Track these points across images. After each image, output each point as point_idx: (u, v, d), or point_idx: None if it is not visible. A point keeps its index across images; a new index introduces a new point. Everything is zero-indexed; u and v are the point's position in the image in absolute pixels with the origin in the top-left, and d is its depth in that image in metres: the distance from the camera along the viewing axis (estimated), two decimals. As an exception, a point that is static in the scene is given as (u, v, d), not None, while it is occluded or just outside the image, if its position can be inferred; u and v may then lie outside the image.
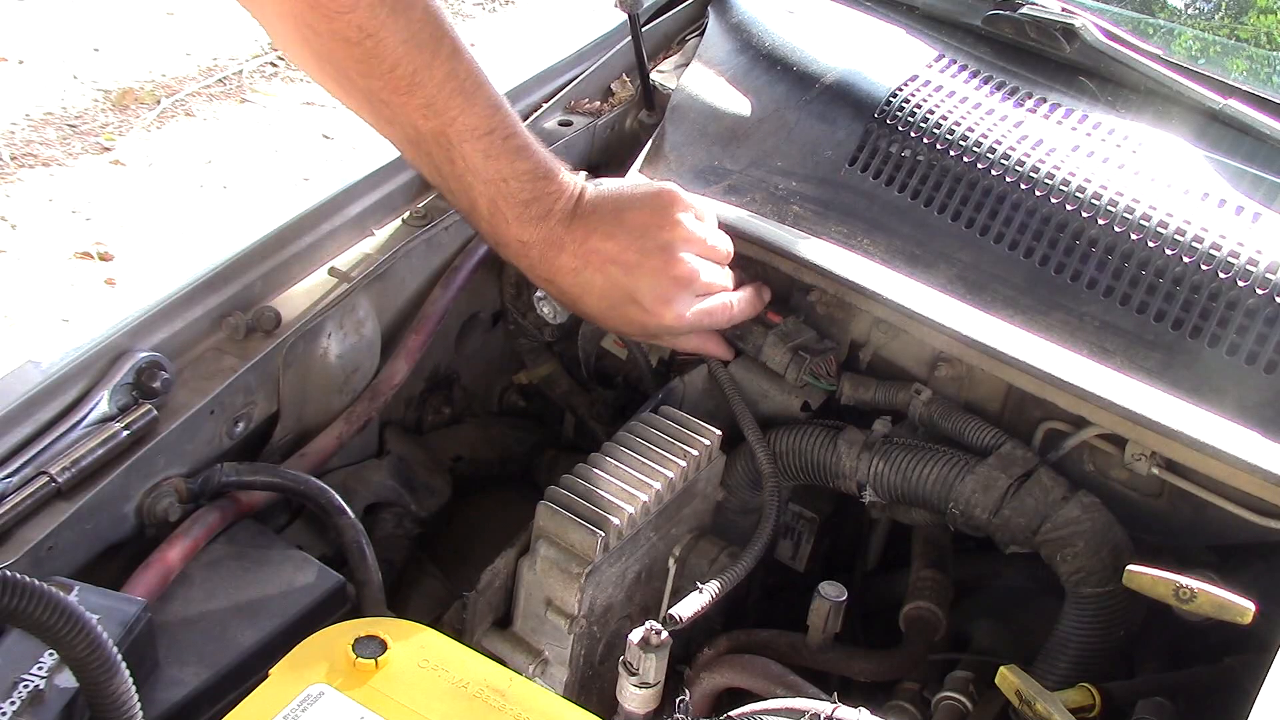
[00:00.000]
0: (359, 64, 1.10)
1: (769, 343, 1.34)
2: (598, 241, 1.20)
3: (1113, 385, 1.21)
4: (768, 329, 1.35)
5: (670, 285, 1.23)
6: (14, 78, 4.40)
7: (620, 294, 1.21)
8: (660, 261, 1.22)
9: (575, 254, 1.20)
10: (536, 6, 6.03)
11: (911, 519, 1.39)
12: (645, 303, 1.22)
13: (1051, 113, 1.46)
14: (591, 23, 1.71)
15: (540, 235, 1.19)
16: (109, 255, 3.65)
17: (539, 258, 1.20)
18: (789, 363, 1.33)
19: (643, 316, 1.23)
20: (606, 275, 1.20)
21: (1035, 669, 1.18)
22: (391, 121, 1.14)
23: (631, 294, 1.21)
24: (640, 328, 1.26)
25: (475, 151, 1.15)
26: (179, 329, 1.19)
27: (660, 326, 1.25)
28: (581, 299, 1.22)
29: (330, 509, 1.16)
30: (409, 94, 1.12)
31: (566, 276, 1.20)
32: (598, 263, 1.20)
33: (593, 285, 1.21)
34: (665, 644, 1.07)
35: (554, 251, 1.19)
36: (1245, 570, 1.22)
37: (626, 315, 1.23)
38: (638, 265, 1.21)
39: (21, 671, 0.88)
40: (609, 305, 1.22)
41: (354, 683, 0.89)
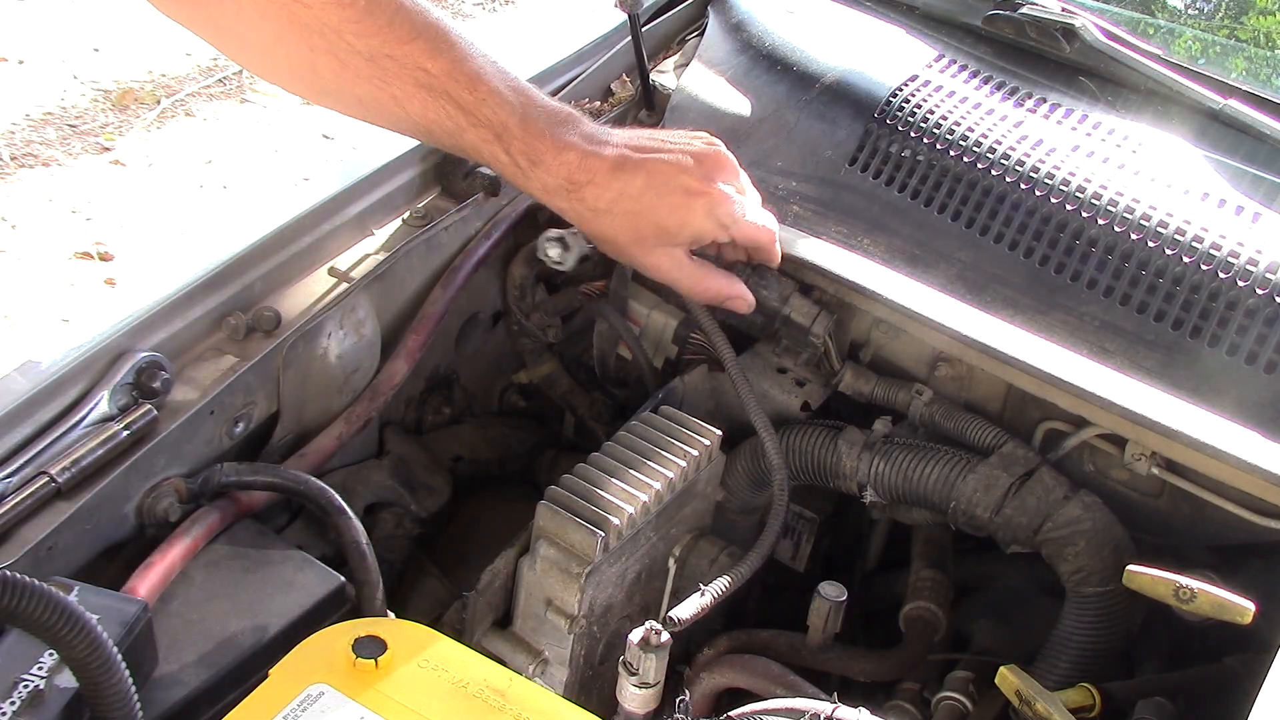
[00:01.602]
0: (355, 24, 1.08)
1: (796, 293, 1.33)
2: (638, 142, 1.17)
3: (1113, 385, 1.21)
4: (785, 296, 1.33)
5: (714, 167, 1.19)
6: (14, 78, 4.40)
7: (663, 179, 1.16)
8: (702, 151, 1.19)
9: (616, 152, 1.15)
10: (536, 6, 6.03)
11: (912, 519, 1.39)
12: (689, 181, 1.17)
13: (1051, 113, 1.46)
14: (591, 23, 1.71)
15: (580, 140, 1.15)
16: (109, 255, 3.65)
17: (577, 162, 1.15)
18: (818, 315, 1.32)
19: (686, 197, 1.17)
20: (649, 166, 1.16)
21: (1035, 669, 1.18)
22: (398, 75, 1.11)
23: (675, 177, 1.16)
24: (683, 211, 1.19)
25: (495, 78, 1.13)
26: (179, 329, 1.19)
27: (708, 204, 1.18)
28: (623, 194, 1.16)
29: (330, 509, 1.16)
30: (411, 41, 1.10)
31: (606, 175, 1.15)
32: (640, 155, 1.16)
33: (634, 179, 1.16)
34: (665, 644, 1.07)
35: (593, 153, 1.15)
36: (1245, 570, 1.22)
37: (671, 200, 1.17)
38: (680, 156, 1.17)
39: (21, 671, 0.87)
40: (653, 194, 1.16)
41: (354, 683, 0.89)
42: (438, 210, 1.43)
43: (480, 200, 1.45)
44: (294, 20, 1.09)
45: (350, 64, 1.11)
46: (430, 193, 1.47)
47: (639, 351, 1.46)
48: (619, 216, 1.18)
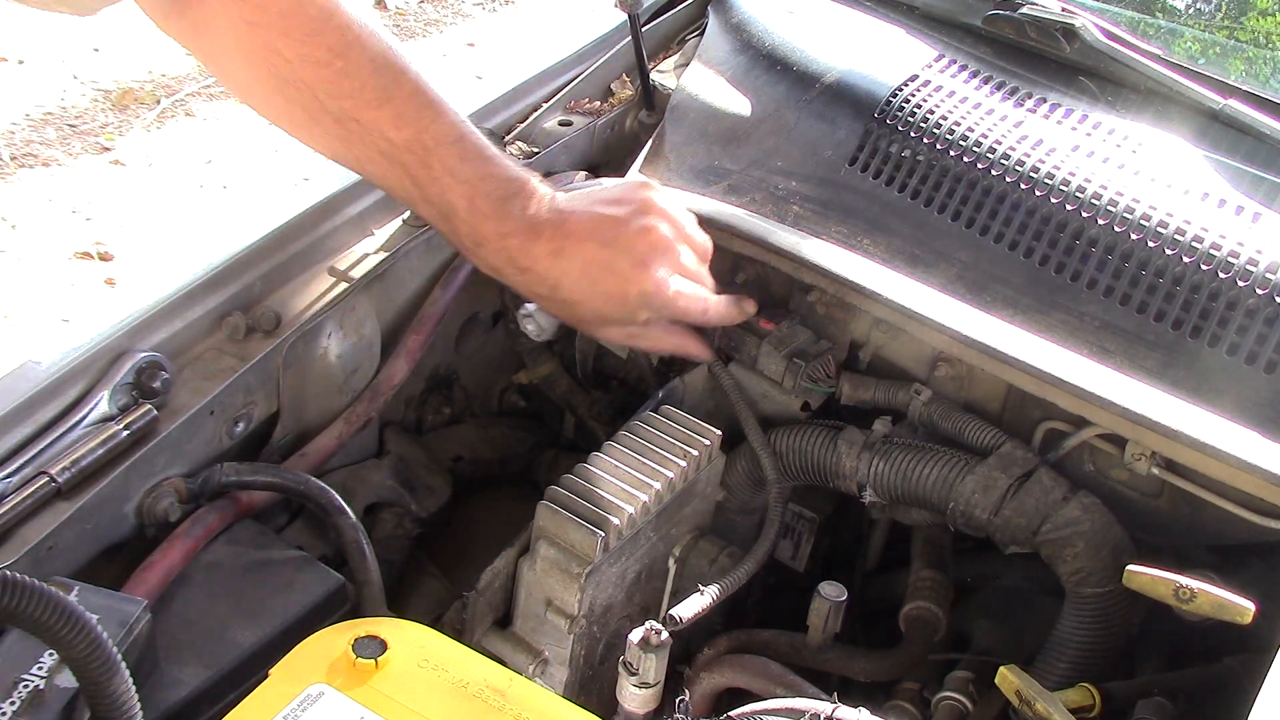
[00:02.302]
0: (329, 85, 1.12)
1: (763, 352, 1.34)
2: (575, 224, 1.20)
3: (1113, 385, 1.21)
4: (761, 338, 1.34)
5: (648, 250, 1.22)
6: (14, 78, 4.40)
7: (598, 267, 1.20)
8: (638, 231, 1.22)
9: (553, 237, 1.19)
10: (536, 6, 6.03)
11: (911, 519, 1.39)
12: (623, 269, 1.20)
13: (1051, 113, 1.46)
14: (591, 23, 1.71)
15: (520, 226, 1.19)
16: (109, 255, 3.65)
17: (518, 248, 1.19)
18: (785, 371, 1.33)
19: (621, 286, 1.21)
20: (584, 253, 1.20)
21: (1035, 669, 1.18)
22: (362, 140, 1.15)
23: (609, 264, 1.20)
24: (619, 301, 1.23)
25: (451, 154, 1.16)
26: (179, 329, 1.19)
27: (640, 294, 1.22)
28: (560, 283, 1.21)
29: (330, 509, 1.16)
30: (380, 108, 1.13)
31: (544, 261, 1.20)
32: (576, 241, 1.20)
33: (571, 266, 1.20)
34: (665, 644, 1.07)
35: (532, 239, 1.19)
36: (1245, 570, 1.22)
37: (605, 289, 1.21)
38: (614, 238, 1.21)
39: (21, 671, 0.88)
40: (588, 282, 1.21)
41: (354, 683, 0.89)
42: (438, 210, 1.43)
43: (480, 200, 1.45)
44: (272, 71, 1.12)
45: (320, 120, 1.15)
46: (430, 193, 1.47)
47: (637, 351, 1.46)
48: (560, 302, 1.24)
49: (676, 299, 1.24)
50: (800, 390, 1.34)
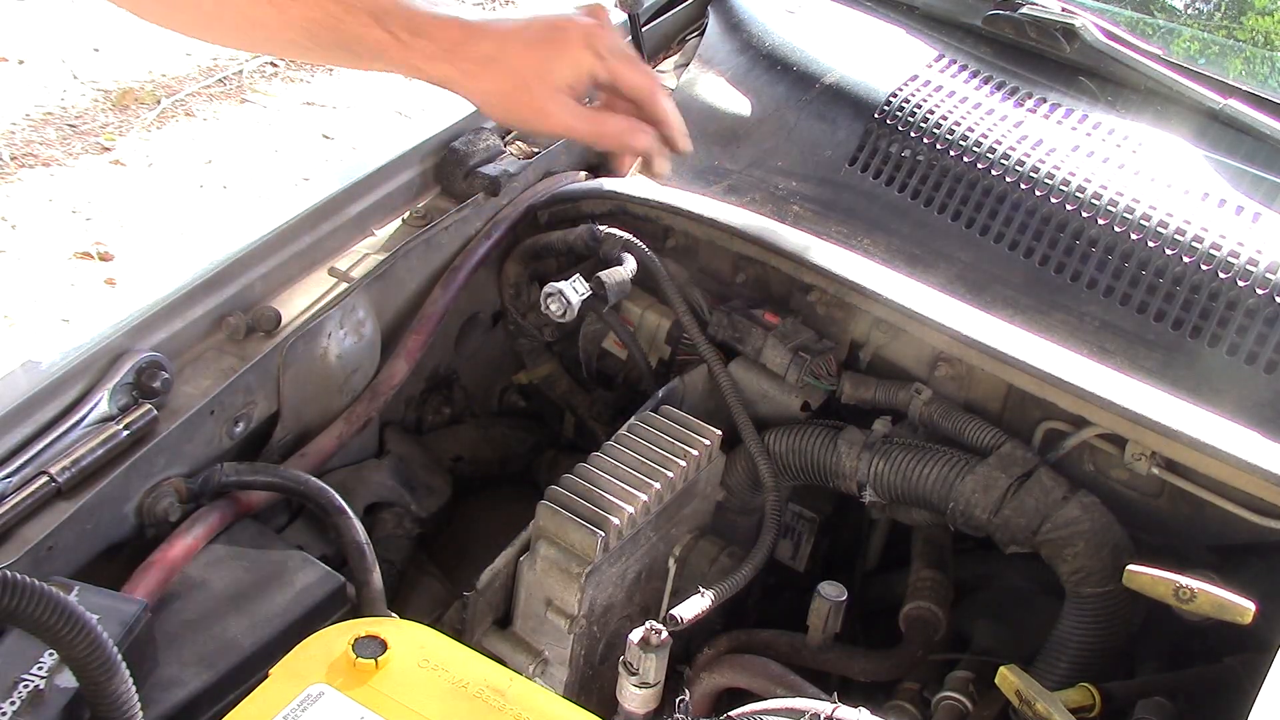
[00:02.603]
0: None
1: (769, 344, 1.34)
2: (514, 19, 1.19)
3: (1113, 385, 1.21)
4: (766, 330, 1.35)
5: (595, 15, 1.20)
6: (14, 78, 4.40)
7: (545, 24, 1.18)
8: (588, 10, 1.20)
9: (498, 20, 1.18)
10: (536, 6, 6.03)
11: (911, 519, 1.39)
12: (571, 22, 1.18)
13: (1051, 113, 1.46)
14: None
15: (458, 10, 1.17)
16: (109, 255, 3.65)
17: (460, 22, 1.17)
18: (789, 364, 1.33)
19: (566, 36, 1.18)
20: (531, 18, 1.18)
21: (1035, 669, 1.18)
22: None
23: (557, 21, 1.18)
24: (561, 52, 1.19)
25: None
26: (179, 329, 1.19)
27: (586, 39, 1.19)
28: (506, 40, 1.18)
29: (330, 509, 1.16)
30: None
31: (491, 26, 1.18)
32: (526, 21, 1.18)
33: (517, 25, 1.18)
34: (665, 644, 1.07)
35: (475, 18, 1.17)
36: (1245, 570, 1.22)
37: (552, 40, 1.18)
38: (562, 11, 1.19)
39: (21, 671, 0.87)
40: (536, 34, 1.18)
41: (354, 683, 0.89)
42: (438, 210, 1.43)
43: (480, 200, 1.45)
44: None
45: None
46: (430, 193, 1.47)
47: (636, 351, 1.46)
48: (504, 63, 1.18)
49: (621, 46, 1.21)
50: (802, 386, 1.34)
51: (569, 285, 1.31)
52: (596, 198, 1.45)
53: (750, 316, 1.36)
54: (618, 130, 1.22)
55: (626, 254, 1.37)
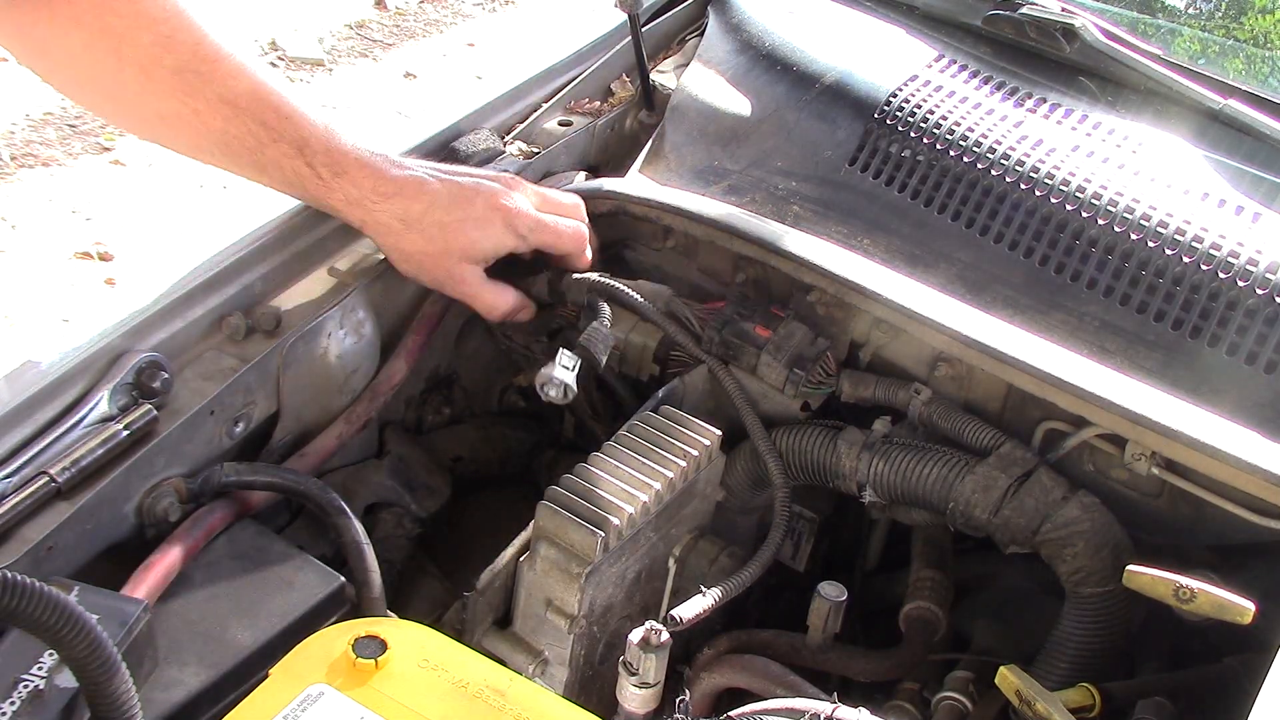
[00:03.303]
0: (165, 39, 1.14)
1: (762, 361, 1.34)
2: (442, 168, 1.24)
3: (1113, 385, 1.21)
4: (759, 348, 1.34)
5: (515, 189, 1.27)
6: (14, 78, 4.39)
7: (470, 197, 1.23)
8: (507, 183, 1.27)
9: (422, 168, 1.22)
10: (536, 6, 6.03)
11: (911, 519, 1.39)
12: (495, 199, 1.23)
13: (1051, 113, 1.46)
14: (591, 23, 1.71)
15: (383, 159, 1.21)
16: (109, 255, 3.65)
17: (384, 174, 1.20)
18: (785, 380, 1.33)
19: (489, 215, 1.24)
20: (456, 185, 1.22)
21: (1035, 669, 1.18)
22: (202, 91, 1.15)
23: (480, 196, 1.23)
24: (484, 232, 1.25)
25: (298, 103, 1.18)
26: (179, 329, 1.19)
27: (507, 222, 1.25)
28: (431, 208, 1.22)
29: (330, 509, 1.16)
30: (218, 61, 1.15)
31: (414, 187, 1.21)
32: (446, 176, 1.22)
33: (442, 193, 1.22)
34: (665, 644, 1.07)
35: (400, 167, 1.21)
36: (1245, 570, 1.22)
37: (475, 218, 1.23)
38: (483, 184, 1.25)
39: (21, 671, 0.88)
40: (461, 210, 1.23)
41: (354, 683, 0.89)
42: (438, 210, 1.43)
43: (480, 200, 1.45)
44: (106, 31, 1.12)
45: (155, 76, 1.15)
46: (430, 193, 1.47)
47: (611, 379, 1.46)
48: (427, 229, 1.23)
49: (539, 222, 1.27)
50: (801, 395, 1.34)
51: (559, 367, 1.28)
52: (596, 198, 1.45)
53: (741, 333, 1.35)
54: (509, 307, 1.33)
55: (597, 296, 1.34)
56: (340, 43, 5.33)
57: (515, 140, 1.55)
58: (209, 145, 1.20)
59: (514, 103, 1.59)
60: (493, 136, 1.50)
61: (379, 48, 5.40)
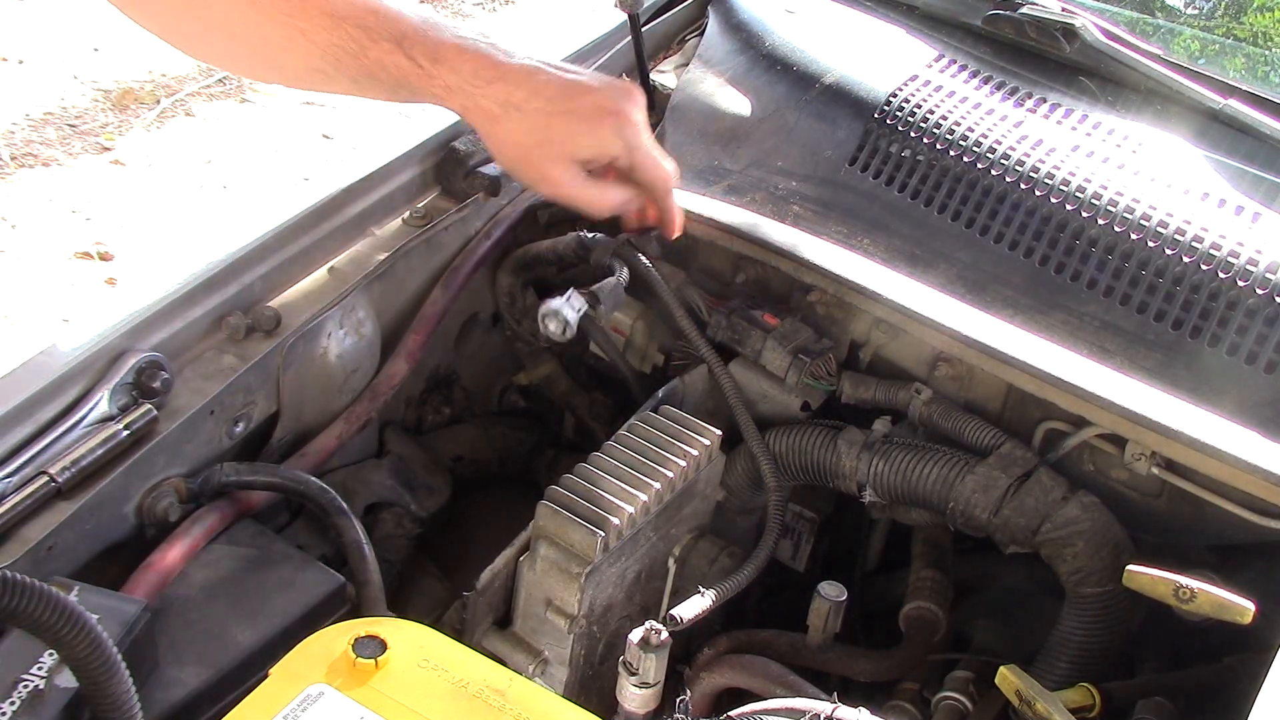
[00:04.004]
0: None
1: (768, 347, 1.34)
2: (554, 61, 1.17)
3: (1113, 385, 1.21)
4: (766, 333, 1.34)
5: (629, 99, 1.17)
6: (14, 78, 4.39)
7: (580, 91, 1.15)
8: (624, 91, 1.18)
9: (530, 58, 1.15)
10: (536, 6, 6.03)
11: (911, 519, 1.39)
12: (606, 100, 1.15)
13: (1051, 113, 1.46)
14: (591, 23, 1.71)
15: (486, 44, 1.14)
16: (109, 255, 3.65)
17: (486, 59, 1.13)
18: (789, 366, 1.33)
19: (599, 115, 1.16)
20: (566, 77, 1.15)
21: (1035, 669, 1.18)
22: (302, 8, 1.10)
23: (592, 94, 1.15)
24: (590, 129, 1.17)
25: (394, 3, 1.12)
26: (179, 329, 1.19)
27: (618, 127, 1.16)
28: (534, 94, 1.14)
29: (330, 509, 1.16)
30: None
31: (520, 73, 1.14)
32: (556, 67, 1.15)
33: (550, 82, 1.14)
34: (665, 644, 1.07)
35: (505, 53, 1.14)
36: (1245, 570, 1.22)
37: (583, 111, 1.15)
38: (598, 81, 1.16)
39: (21, 671, 0.88)
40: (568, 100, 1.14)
41: (354, 683, 0.89)
42: (438, 210, 1.43)
43: (480, 200, 1.45)
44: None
45: (260, 4, 1.10)
46: (430, 193, 1.47)
47: (621, 363, 1.46)
48: (528, 115, 1.15)
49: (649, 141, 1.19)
50: (802, 387, 1.34)
51: (565, 303, 1.28)
52: (596, 198, 1.45)
53: (749, 319, 1.36)
54: (618, 202, 1.22)
55: (618, 260, 1.36)
56: (340, 43, 5.32)
57: (515, 140, 1.55)
58: (318, 63, 1.14)
59: (514, 103, 1.59)
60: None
61: (379, 48, 5.38)
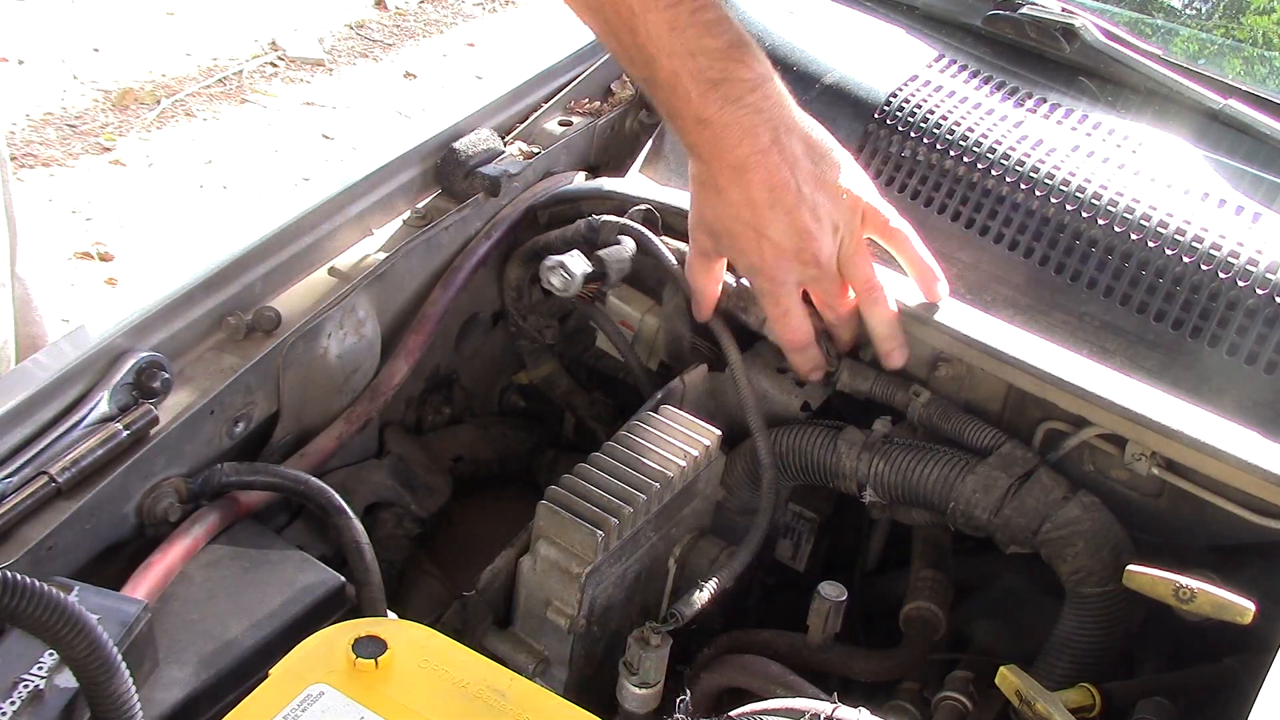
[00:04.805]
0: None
1: None
2: (782, 152, 1.11)
3: (1113, 385, 1.21)
4: None
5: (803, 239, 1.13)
6: (14, 78, 4.40)
7: (791, 223, 1.11)
8: (828, 211, 1.13)
9: (752, 149, 1.10)
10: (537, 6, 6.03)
11: (911, 519, 1.39)
12: (775, 236, 1.12)
13: (1051, 113, 1.46)
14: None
15: (724, 118, 1.09)
16: (109, 255, 3.65)
17: (712, 140, 1.10)
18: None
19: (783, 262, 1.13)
20: (770, 184, 1.10)
21: (1035, 669, 1.18)
22: None
23: (804, 231, 1.11)
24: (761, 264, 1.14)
25: (660, 22, 1.06)
26: (179, 329, 1.19)
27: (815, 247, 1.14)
28: (721, 196, 1.11)
29: (330, 509, 1.16)
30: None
31: (727, 170, 1.10)
32: (769, 169, 1.10)
33: (748, 188, 1.10)
34: (665, 644, 1.07)
35: (732, 137, 1.10)
36: (1245, 570, 1.22)
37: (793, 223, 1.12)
38: (800, 201, 1.11)
39: (21, 671, 0.88)
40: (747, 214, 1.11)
41: (354, 683, 0.89)
42: (438, 210, 1.43)
43: (480, 200, 1.45)
44: None
45: None
46: (430, 193, 1.47)
47: (631, 356, 1.46)
48: (719, 206, 1.14)
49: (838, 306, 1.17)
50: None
51: (570, 257, 1.28)
52: (597, 198, 1.45)
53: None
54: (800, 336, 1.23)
55: (626, 236, 1.36)
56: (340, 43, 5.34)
57: (515, 140, 1.55)
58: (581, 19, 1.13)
59: (514, 103, 1.59)
60: (493, 136, 1.51)
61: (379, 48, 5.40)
